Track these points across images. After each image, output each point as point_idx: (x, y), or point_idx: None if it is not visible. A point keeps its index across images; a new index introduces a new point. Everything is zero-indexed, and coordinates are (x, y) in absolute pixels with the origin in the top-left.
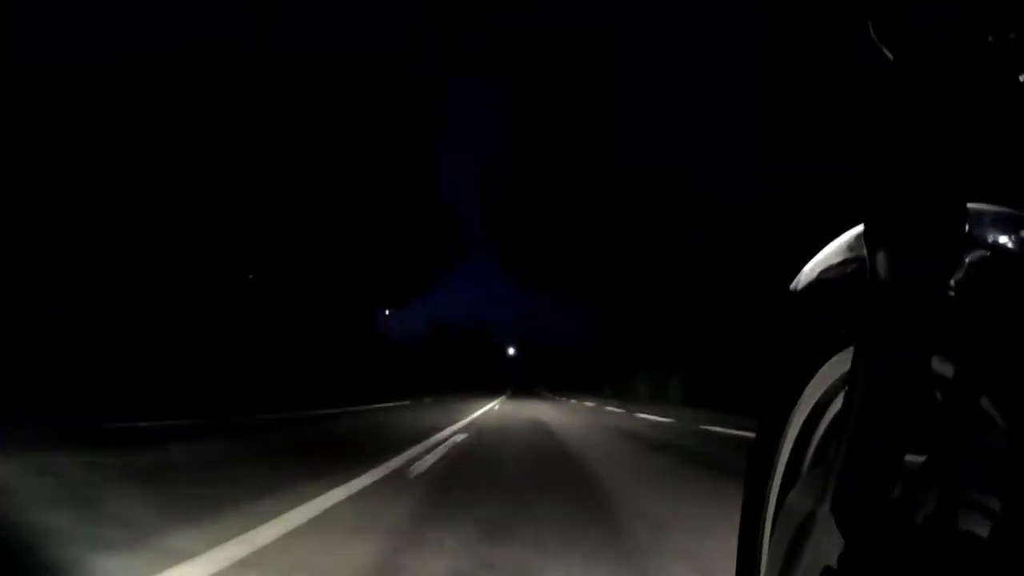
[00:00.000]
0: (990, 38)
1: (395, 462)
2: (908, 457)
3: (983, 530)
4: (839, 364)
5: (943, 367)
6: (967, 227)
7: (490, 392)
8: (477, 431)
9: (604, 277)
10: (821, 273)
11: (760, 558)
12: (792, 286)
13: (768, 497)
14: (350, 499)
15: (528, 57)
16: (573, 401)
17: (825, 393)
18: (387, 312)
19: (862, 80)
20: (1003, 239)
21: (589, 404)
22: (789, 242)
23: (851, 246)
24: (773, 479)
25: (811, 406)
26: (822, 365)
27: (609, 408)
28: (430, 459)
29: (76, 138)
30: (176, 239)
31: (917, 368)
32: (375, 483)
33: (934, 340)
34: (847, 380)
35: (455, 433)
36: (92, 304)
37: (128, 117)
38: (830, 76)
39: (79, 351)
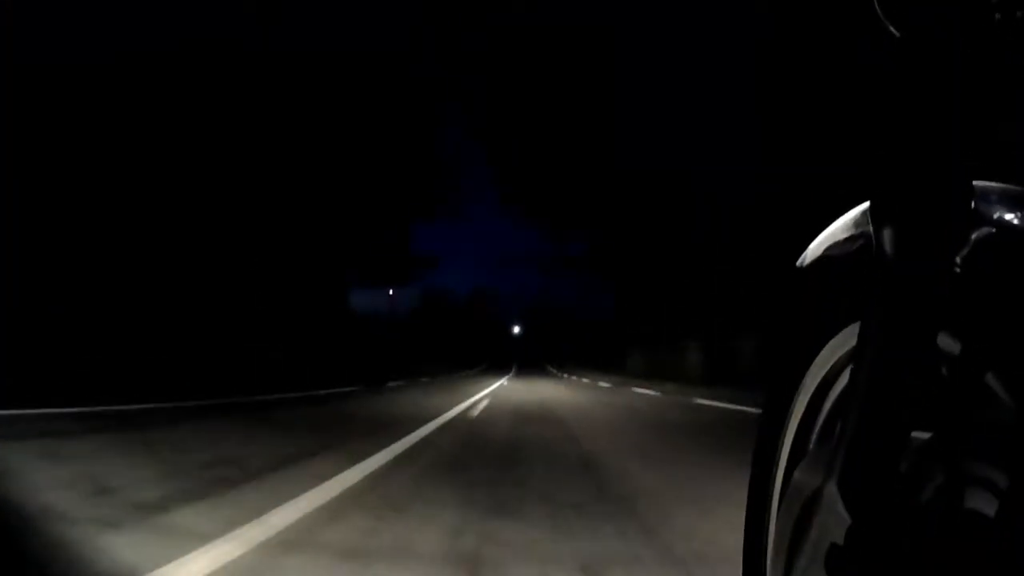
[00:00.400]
0: (997, 16)
1: None
2: (914, 433)
3: (989, 507)
4: (845, 340)
5: (949, 343)
6: (973, 204)
7: (493, 371)
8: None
9: (617, 262)
10: (827, 250)
11: (768, 533)
12: (798, 262)
13: (775, 473)
14: None
15: (529, 57)
16: (606, 384)
17: (831, 369)
18: (391, 292)
19: (863, 75)
20: (1009, 216)
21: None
22: (789, 242)
23: (857, 223)
24: (780, 454)
25: (817, 382)
26: (828, 341)
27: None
28: None
29: (76, 138)
30: (174, 234)
31: (923, 344)
32: None
33: (940, 316)
34: (853, 356)
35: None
36: (91, 301)
37: (128, 117)
38: (830, 75)
39: (80, 352)
